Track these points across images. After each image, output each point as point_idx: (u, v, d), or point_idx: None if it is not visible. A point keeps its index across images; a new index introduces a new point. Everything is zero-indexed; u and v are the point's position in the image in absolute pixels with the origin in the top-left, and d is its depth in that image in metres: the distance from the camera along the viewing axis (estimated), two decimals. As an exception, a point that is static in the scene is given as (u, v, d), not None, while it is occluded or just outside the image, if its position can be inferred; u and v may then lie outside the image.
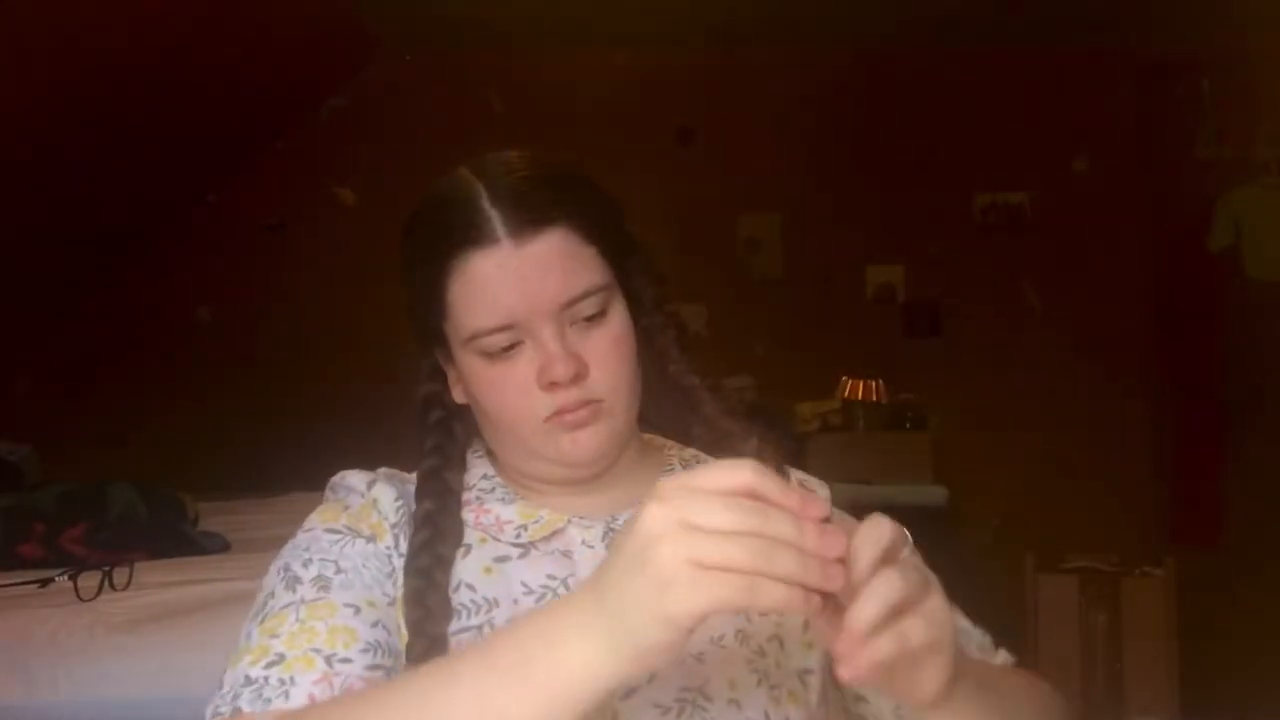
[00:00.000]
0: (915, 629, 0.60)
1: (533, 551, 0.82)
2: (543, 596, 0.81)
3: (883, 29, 3.82)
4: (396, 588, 0.80)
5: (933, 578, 0.64)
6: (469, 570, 0.81)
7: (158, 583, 2.17)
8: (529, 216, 0.78)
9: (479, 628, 0.79)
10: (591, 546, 0.83)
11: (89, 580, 2.10)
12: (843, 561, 0.59)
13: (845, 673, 0.59)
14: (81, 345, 3.98)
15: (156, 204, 3.83)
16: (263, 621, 0.76)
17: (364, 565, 0.80)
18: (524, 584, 0.81)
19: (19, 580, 2.19)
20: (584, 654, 0.58)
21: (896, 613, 0.60)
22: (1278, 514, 3.60)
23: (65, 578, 2.13)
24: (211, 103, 3.35)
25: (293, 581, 0.78)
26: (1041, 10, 3.64)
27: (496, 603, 0.80)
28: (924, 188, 4.05)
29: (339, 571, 0.79)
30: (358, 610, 0.76)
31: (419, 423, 0.89)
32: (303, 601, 0.76)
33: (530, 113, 3.98)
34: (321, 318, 3.93)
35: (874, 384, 3.88)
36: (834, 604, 0.60)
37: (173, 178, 3.76)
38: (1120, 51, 3.95)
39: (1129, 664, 2.90)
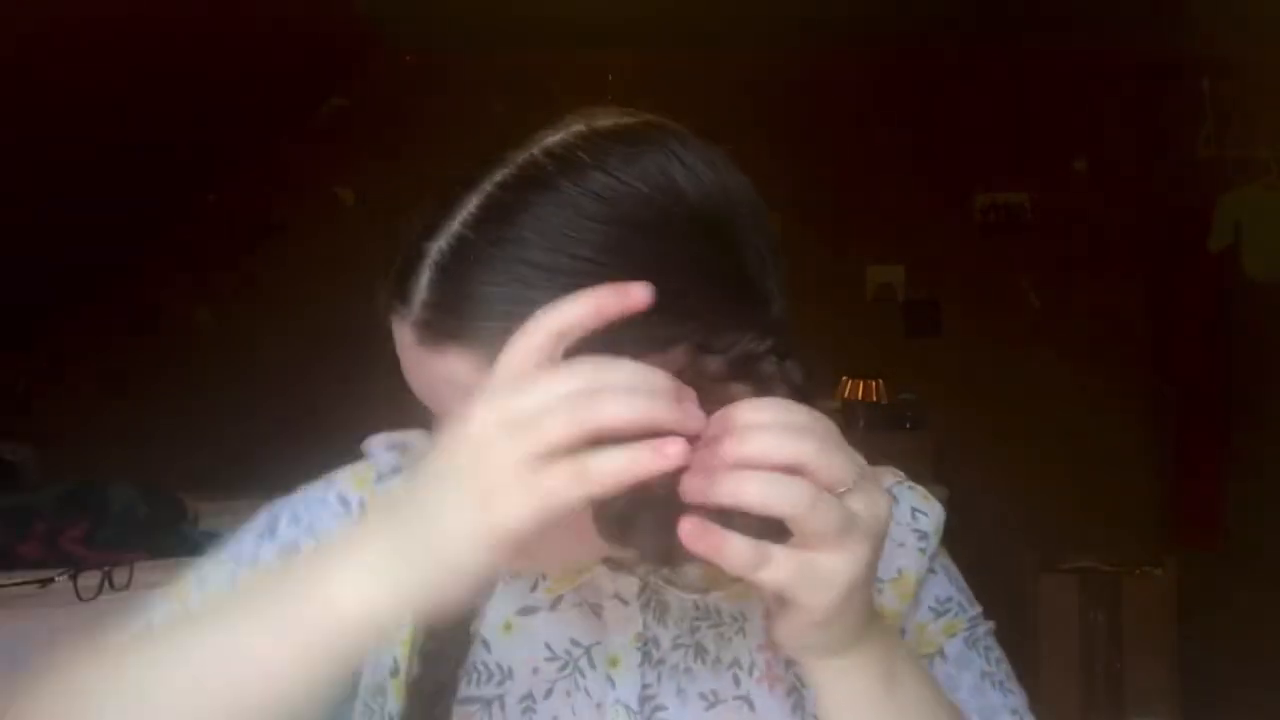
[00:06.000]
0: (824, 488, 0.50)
1: (562, 602, 0.73)
2: (565, 665, 0.72)
3: (883, 28, 3.81)
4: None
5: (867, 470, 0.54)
6: (487, 622, 0.72)
7: (158, 583, 2.16)
8: None
9: (488, 701, 0.71)
10: (626, 603, 0.72)
11: (89, 580, 2.10)
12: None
13: (685, 529, 0.48)
14: (82, 345, 3.98)
15: (156, 204, 3.83)
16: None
17: None
18: (548, 647, 0.72)
19: (19, 580, 2.19)
20: (364, 590, 0.50)
21: (793, 469, 0.49)
22: (1278, 514, 3.60)
23: (65, 578, 2.12)
24: (211, 102, 3.35)
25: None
26: (1042, 10, 3.63)
27: (511, 673, 0.71)
28: (924, 188, 4.05)
29: None
30: None
31: None
32: None
33: (530, 113, 3.98)
34: (321, 318, 3.92)
35: (874, 384, 3.88)
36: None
37: (173, 178, 3.75)
38: (1120, 51, 3.94)
39: (1129, 664, 2.91)
